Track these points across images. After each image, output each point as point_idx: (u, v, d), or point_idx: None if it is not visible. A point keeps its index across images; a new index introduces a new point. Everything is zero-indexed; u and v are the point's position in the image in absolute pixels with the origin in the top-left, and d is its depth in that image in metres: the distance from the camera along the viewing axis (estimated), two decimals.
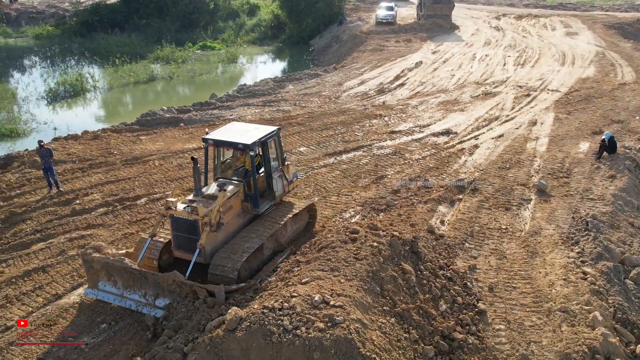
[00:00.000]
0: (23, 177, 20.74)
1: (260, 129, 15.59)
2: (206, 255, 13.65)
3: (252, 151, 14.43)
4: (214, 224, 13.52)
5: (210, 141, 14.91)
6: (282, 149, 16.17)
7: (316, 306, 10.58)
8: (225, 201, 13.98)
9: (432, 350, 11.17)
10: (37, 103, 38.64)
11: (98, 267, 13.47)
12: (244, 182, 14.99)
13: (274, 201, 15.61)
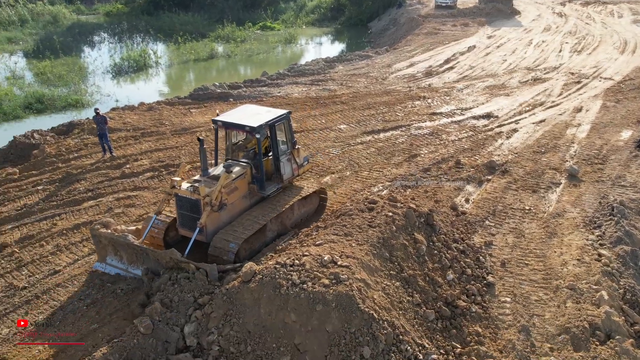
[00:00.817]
0: (81, 142, 22.42)
1: (270, 112, 15.61)
2: (207, 234, 13.88)
3: (258, 134, 14.48)
4: (215, 204, 13.71)
5: (220, 123, 15.11)
6: (292, 132, 16.05)
7: (324, 265, 11.43)
8: (229, 182, 14.17)
9: (433, 314, 11.85)
10: (103, 77, 40.87)
11: (105, 243, 13.91)
12: (251, 164, 15.11)
13: (281, 184, 15.65)
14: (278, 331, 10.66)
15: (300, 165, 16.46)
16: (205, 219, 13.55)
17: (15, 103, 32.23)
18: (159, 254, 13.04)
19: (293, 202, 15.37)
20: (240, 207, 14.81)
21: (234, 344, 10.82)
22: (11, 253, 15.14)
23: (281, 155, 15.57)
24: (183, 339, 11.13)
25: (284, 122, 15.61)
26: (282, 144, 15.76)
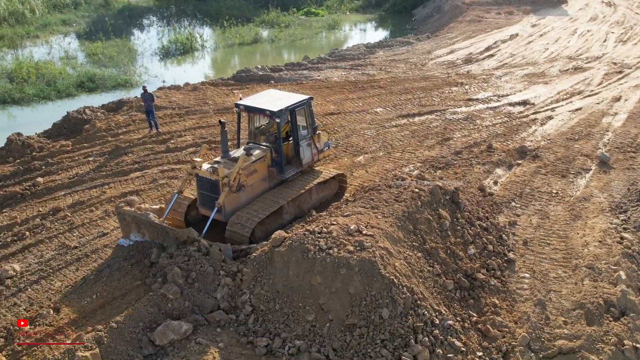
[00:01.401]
0: (129, 119, 23.68)
1: (292, 97, 15.89)
2: (226, 214, 14.34)
3: (278, 118, 14.80)
4: (233, 185, 14.10)
5: (242, 106, 15.54)
6: (313, 118, 16.36)
7: (350, 233, 12.21)
8: (248, 165, 14.57)
9: (452, 284, 12.52)
10: (151, 58, 42.35)
11: (129, 220, 14.38)
12: (271, 147, 15.45)
13: (301, 168, 15.97)
14: (304, 292, 11.52)
15: (321, 151, 16.78)
16: (223, 199, 14.02)
17: (69, 81, 33.90)
18: (177, 232, 13.47)
19: (311, 186, 15.69)
20: (259, 189, 15.23)
21: (264, 302, 11.74)
22: (64, 216, 16.41)
23: (301, 140, 15.86)
24: (216, 303, 12.05)
25: (305, 108, 15.88)
26: (302, 129, 16.08)
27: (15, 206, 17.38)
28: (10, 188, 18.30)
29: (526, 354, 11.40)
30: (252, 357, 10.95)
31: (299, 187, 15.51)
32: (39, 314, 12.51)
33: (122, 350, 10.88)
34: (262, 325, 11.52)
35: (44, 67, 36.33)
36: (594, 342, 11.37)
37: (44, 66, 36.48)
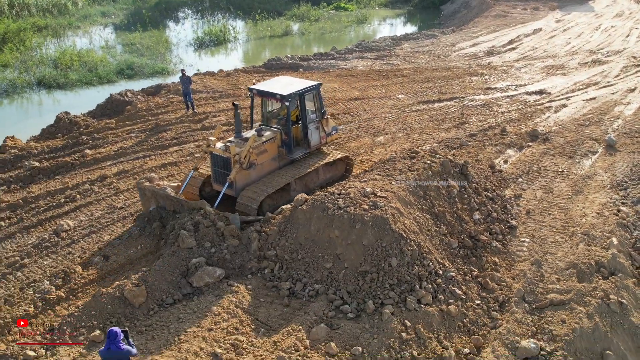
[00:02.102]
0: (168, 100, 25.54)
1: (302, 83, 16.78)
2: (237, 189, 15.37)
3: (287, 101, 15.78)
4: (244, 162, 15.12)
5: (255, 91, 16.62)
6: (322, 103, 17.26)
7: (366, 195, 13.72)
8: (259, 144, 15.60)
9: (456, 243, 13.95)
10: (186, 49, 44.28)
11: (149, 195, 15.54)
12: (281, 130, 16.43)
13: (309, 150, 16.94)
14: (324, 244, 13.07)
15: (328, 134, 17.71)
16: (234, 175, 15.07)
17: (109, 69, 36.00)
18: (191, 204, 14.58)
19: (317, 167, 16.71)
20: (269, 167, 16.26)
21: (287, 253, 13.34)
22: (110, 182, 18.27)
23: (309, 123, 16.83)
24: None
25: (314, 93, 16.87)
26: (311, 113, 17.03)
27: (66, 174, 19.30)
28: (61, 158, 20.23)
29: (520, 305, 12.76)
30: (277, 298, 12.57)
31: (306, 167, 16.54)
32: (90, 260, 14.32)
33: (164, 288, 12.61)
34: (286, 272, 13.12)
35: (86, 55, 38.58)
36: (582, 296, 12.64)
37: (86, 54, 38.73)
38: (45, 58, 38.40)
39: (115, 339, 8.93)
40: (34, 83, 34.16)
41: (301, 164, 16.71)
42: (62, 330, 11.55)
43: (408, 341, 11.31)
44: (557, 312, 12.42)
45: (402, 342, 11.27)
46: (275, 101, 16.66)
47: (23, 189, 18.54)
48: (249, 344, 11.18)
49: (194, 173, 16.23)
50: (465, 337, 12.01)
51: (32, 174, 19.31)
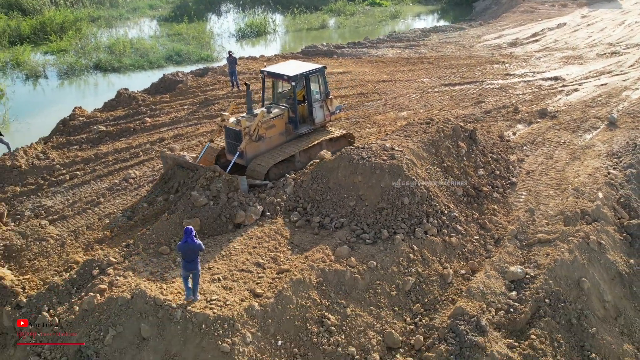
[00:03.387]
0: (215, 80, 28.54)
1: (308, 66, 18.58)
2: (247, 159, 17.15)
3: (293, 82, 17.64)
4: (253, 134, 16.91)
5: (265, 72, 18.52)
6: (326, 84, 19.05)
7: (385, 149, 16.34)
8: (267, 120, 17.44)
9: (461, 191, 16.45)
10: (228, 39, 47.38)
11: (170, 162, 17.39)
12: (289, 107, 18.27)
13: (313, 126, 18.77)
14: (348, 187, 15.73)
15: (332, 113, 19.49)
16: (244, 145, 16.90)
17: (159, 55, 39.30)
18: (206, 169, 16.32)
19: (320, 141, 18.51)
20: (277, 141, 18.11)
21: (318, 194, 16.04)
22: (167, 143, 21.24)
23: (314, 102, 18.66)
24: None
25: (318, 75, 18.74)
26: (316, 93, 18.81)
27: (129, 137, 22.37)
28: (124, 124, 23.32)
29: (512, 241, 15.22)
30: (308, 229, 15.28)
31: (310, 141, 18.40)
32: (154, 199, 17.23)
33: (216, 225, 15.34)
34: (317, 209, 15.82)
35: (137, 42, 41.95)
36: (566, 236, 15.01)
37: (137, 42, 42.09)
38: (99, 45, 41.90)
39: (190, 234, 11.69)
40: (91, 66, 37.66)
41: (306, 139, 18.55)
42: (137, 245, 14.44)
43: (414, 261, 13.92)
44: (543, 247, 14.85)
45: (410, 261, 13.89)
46: (283, 82, 18.59)
47: (93, 148, 21.64)
48: (285, 258, 13.92)
49: (210, 144, 18.28)
50: (463, 262, 14.58)
51: (100, 136, 22.43)
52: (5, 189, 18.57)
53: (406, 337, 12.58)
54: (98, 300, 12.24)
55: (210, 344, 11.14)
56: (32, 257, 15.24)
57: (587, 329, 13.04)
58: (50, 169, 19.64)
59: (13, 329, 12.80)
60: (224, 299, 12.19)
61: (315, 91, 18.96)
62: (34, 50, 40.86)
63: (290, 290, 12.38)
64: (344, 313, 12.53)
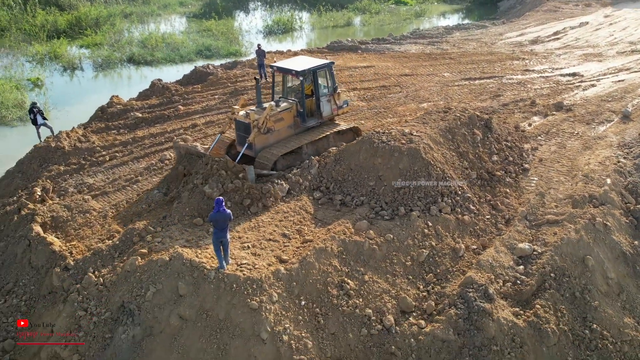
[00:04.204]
0: (243, 72, 29.89)
1: (316, 62, 19.16)
2: (256, 151, 17.76)
3: (301, 76, 18.16)
4: (261, 127, 17.45)
5: (275, 67, 19.14)
6: (334, 79, 19.51)
7: (404, 134, 17.42)
8: (275, 113, 18.02)
9: (475, 174, 17.47)
10: (256, 35, 48.76)
11: (183, 152, 18.09)
12: (297, 101, 18.85)
13: (321, 120, 19.32)
14: (369, 168, 16.85)
15: (340, 107, 19.94)
16: (252, 137, 17.48)
17: (189, 49, 40.83)
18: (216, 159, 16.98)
19: (327, 134, 19.14)
20: (285, 134, 18.68)
21: (340, 175, 17.19)
22: (200, 129, 22.59)
23: (322, 97, 19.15)
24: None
25: (326, 70, 19.21)
26: (323, 87, 19.28)
27: (164, 123, 23.76)
28: (158, 111, 24.73)
29: (522, 221, 16.21)
30: (331, 206, 16.44)
31: (317, 134, 18.98)
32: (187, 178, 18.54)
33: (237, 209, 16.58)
34: (339, 189, 16.96)
35: (169, 37, 43.54)
36: (573, 217, 15.95)
37: (168, 37, 43.68)
38: (132, 39, 43.60)
39: (221, 204, 12.91)
40: (124, 60, 39.33)
41: (314, 132, 19.11)
42: (172, 216, 15.74)
43: (428, 235, 15.02)
44: (551, 227, 15.83)
45: (424, 235, 14.99)
46: (291, 76, 19.11)
47: (130, 132, 23.06)
48: (309, 230, 15.12)
49: (221, 136, 18.97)
50: (474, 238, 15.63)
51: (136, 122, 23.85)
52: (50, 168, 20.03)
53: (419, 303, 13.69)
54: (139, 262, 13.54)
55: (240, 302, 12.36)
56: (77, 227, 16.63)
57: (589, 302, 14.01)
58: (91, 150, 21.09)
59: (62, 288, 14.15)
60: (252, 264, 13.42)
61: (323, 86, 19.47)
62: (70, 43, 42.75)
63: (313, 257, 13.55)
64: (362, 279, 13.68)
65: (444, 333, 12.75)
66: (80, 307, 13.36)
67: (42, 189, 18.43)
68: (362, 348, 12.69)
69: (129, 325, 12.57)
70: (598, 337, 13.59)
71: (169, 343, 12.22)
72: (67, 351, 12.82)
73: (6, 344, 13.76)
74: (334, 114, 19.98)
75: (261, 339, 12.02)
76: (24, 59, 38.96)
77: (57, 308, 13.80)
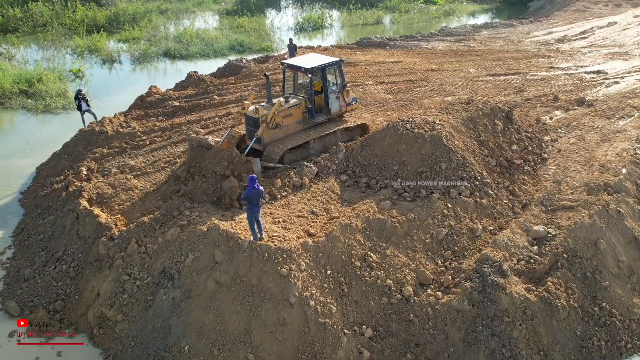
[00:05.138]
0: (275, 65, 31.09)
1: (326, 59, 19.70)
2: (264, 145, 18.39)
3: (310, 73, 18.81)
4: (269, 122, 18.04)
5: (285, 64, 19.94)
6: (343, 77, 20.11)
7: (427, 122, 18.39)
8: (284, 108, 18.66)
9: (494, 162, 18.34)
10: (287, 32, 49.90)
11: (195, 144, 18.25)
12: (306, 98, 19.44)
13: (329, 116, 19.91)
14: (393, 154, 17.85)
15: (348, 104, 20.49)
16: (261, 132, 18.12)
17: (223, 44, 42.22)
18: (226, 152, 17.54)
19: (335, 130, 19.80)
20: (294, 129, 19.28)
21: (366, 160, 18.24)
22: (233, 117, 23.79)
23: (330, 94, 19.77)
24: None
25: (335, 68, 19.83)
26: (332, 85, 19.86)
27: (200, 111, 25.07)
28: (195, 101, 26.06)
29: (538, 206, 17.05)
30: (356, 188, 17.49)
31: (324, 130, 19.62)
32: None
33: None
34: (364, 172, 18.00)
35: (203, 33, 45.00)
36: (588, 204, 16.72)
37: (202, 33, 45.15)
38: (168, 35, 45.18)
39: (255, 181, 14.04)
40: (160, 54, 40.88)
41: (322, 128, 19.74)
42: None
43: (448, 216, 15.99)
44: (566, 212, 16.65)
45: (444, 216, 15.96)
46: (301, 73, 19.68)
47: (168, 119, 24.41)
48: (335, 209, 16.20)
49: (231, 130, 19.78)
50: (491, 220, 16.52)
51: (174, 110, 25.22)
52: (94, 150, 21.46)
53: (436, 277, 14.67)
54: (179, 233, 14.77)
55: (271, 269, 13.49)
56: (121, 203, 17.98)
57: (600, 282, 14.83)
58: (132, 135, 22.47)
59: (107, 256, 15.45)
60: (283, 236, 14.56)
61: (332, 83, 20.01)
62: (109, 38, 44.46)
63: (339, 232, 14.63)
64: (383, 253, 14.72)
65: (459, 304, 13.71)
66: (124, 273, 14.66)
67: (88, 168, 19.87)
68: (382, 315, 13.73)
69: (170, 288, 13.80)
70: (607, 315, 14.41)
71: (205, 305, 13.41)
72: (113, 311, 14.15)
73: (57, 304, 15.14)
74: (342, 110, 20.51)
75: (290, 303, 13.13)
76: (66, 51, 40.79)
77: (103, 273, 15.12)
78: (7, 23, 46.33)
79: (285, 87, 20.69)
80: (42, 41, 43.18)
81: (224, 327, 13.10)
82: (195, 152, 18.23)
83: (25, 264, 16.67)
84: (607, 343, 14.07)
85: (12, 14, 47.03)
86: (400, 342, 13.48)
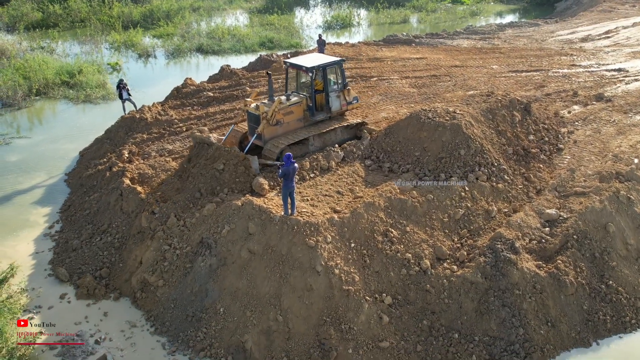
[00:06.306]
0: None
1: (327, 58, 20.21)
2: (265, 141, 18.84)
3: (311, 72, 19.23)
4: (270, 119, 18.46)
5: (287, 63, 20.26)
6: (344, 76, 20.50)
7: (448, 112, 19.48)
8: (285, 106, 19.09)
9: (511, 150, 19.35)
10: (315, 30, 51.16)
11: (198, 141, 18.95)
12: (307, 96, 19.81)
13: (329, 114, 20.23)
14: (415, 141, 18.99)
15: (349, 103, 20.80)
16: (261, 129, 18.61)
17: (253, 41, 43.66)
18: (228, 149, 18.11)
19: (334, 128, 20.10)
20: (295, 126, 19.67)
21: (390, 146, 19.39)
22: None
23: (331, 92, 20.09)
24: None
25: (336, 67, 20.22)
26: (333, 84, 20.20)
27: (233, 102, 26.44)
28: (228, 92, 27.45)
29: (552, 192, 18.05)
30: (380, 172, 18.66)
31: (324, 127, 19.95)
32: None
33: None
34: (387, 158, 19.17)
35: (234, 30, 46.53)
36: (599, 190, 17.66)
37: (234, 29, 46.69)
38: (201, 31, 46.82)
39: (290, 158, 15.27)
40: (193, 49, 42.51)
41: (321, 125, 20.08)
42: None
43: (465, 198, 17.08)
44: (577, 198, 17.63)
45: (461, 197, 17.06)
46: (302, 72, 20.13)
47: (203, 109, 25.84)
48: (360, 190, 17.41)
49: (234, 127, 20.29)
50: (506, 203, 17.56)
51: (208, 100, 26.65)
52: (135, 135, 22.97)
53: (452, 252, 15.79)
54: (215, 208, 16.11)
55: (300, 240, 14.73)
56: (161, 182, 19.41)
57: (608, 262, 15.82)
58: (170, 122, 23.95)
59: (149, 228, 16.85)
60: (311, 212, 15.81)
61: (333, 82, 20.34)
62: (144, 33, 46.25)
63: (362, 209, 15.82)
64: (403, 230, 15.88)
65: (473, 276, 14.81)
66: (165, 243, 16.04)
67: (129, 151, 21.36)
68: (401, 285, 14.89)
69: (207, 256, 15.14)
70: (613, 292, 15.38)
71: (239, 271, 14.71)
72: (155, 277, 15.55)
73: (103, 271, 16.61)
74: (343, 109, 20.87)
75: (316, 271, 14.36)
76: (103, 46, 42.69)
77: (145, 244, 16.51)
78: (47, 19, 48.63)
79: (288, 85, 21.10)
80: (80, 36, 45.20)
81: (255, 291, 14.37)
82: (198, 149, 19.02)
83: (73, 236, 18.18)
84: (613, 318, 15.03)
85: (53, 11, 49.29)
86: (417, 310, 14.63)
